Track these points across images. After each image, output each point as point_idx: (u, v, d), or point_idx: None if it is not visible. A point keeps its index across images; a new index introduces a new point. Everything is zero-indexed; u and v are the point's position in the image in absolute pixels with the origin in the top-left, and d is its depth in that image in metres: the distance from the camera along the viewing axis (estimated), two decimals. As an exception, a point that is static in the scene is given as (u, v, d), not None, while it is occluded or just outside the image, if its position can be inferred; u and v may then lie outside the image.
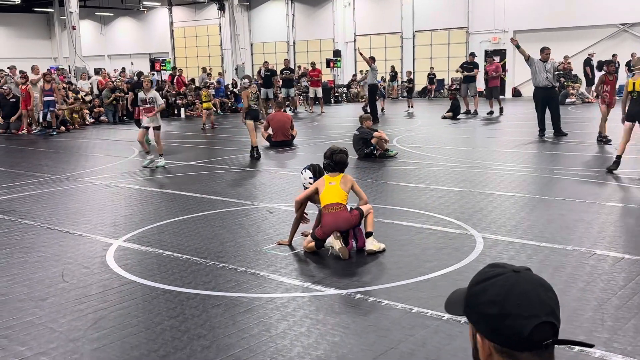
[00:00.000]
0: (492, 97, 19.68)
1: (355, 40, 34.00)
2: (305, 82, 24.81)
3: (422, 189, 8.35)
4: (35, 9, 41.42)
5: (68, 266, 5.46)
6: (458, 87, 21.75)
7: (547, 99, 13.51)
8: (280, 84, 22.78)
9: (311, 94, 24.30)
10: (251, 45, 37.91)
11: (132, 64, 36.39)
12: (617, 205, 7.25)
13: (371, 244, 5.54)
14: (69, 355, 3.74)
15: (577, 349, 3.56)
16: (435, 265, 5.15)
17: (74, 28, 24.07)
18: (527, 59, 13.54)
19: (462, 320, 3.85)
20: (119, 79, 24.13)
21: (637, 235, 6.09)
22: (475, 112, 19.94)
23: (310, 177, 6.15)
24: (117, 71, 28.89)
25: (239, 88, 13.20)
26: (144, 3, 37.96)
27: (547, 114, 13.52)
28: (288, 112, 18.99)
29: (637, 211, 6.99)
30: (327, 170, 5.83)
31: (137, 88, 16.10)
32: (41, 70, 19.44)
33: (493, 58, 20.66)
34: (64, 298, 4.67)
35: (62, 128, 18.41)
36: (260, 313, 4.25)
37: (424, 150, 12.18)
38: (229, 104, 24.78)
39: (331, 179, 5.72)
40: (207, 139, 16.33)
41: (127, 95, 17.10)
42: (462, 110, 19.62)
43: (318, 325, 4.02)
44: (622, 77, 19.47)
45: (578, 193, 7.88)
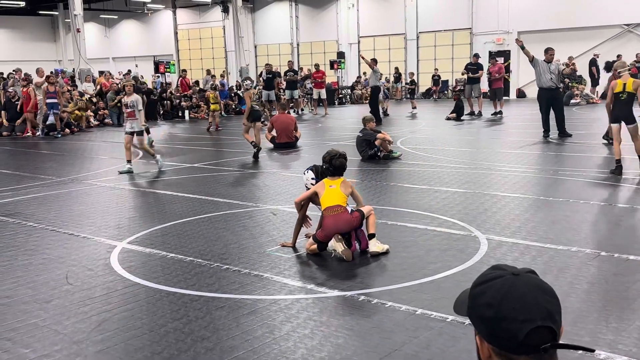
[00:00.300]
0: (496, 98, 19.66)
1: (359, 41, 34.00)
2: (310, 84, 24.83)
3: (426, 191, 8.34)
4: (40, 12, 41.59)
5: (72, 268, 5.47)
6: (462, 88, 21.73)
7: (552, 100, 13.48)
8: (284, 85, 22.79)
9: (315, 96, 24.32)
10: (255, 47, 37.96)
11: (136, 66, 36.46)
12: (622, 206, 7.22)
13: (374, 245, 5.54)
14: (73, 357, 3.74)
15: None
16: (439, 266, 5.14)
17: (78, 31, 24.14)
18: (532, 60, 13.52)
19: (466, 322, 3.84)
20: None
21: (642, 236, 6.06)
22: (479, 113, 19.91)
23: (312, 178, 6.15)
24: (122, 73, 28.94)
25: (242, 90, 13.34)
26: (148, 6, 38.12)
27: (552, 115, 13.50)
28: (292, 113, 19.01)
29: (642, 212, 6.96)
30: (327, 174, 5.83)
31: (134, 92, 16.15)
32: (46, 73, 19.51)
33: (496, 59, 20.61)
34: (68, 300, 4.67)
35: (67, 130, 18.46)
36: (263, 315, 4.25)
37: (427, 152, 12.16)
38: (232, 106, 24.80)
39: (331, 182, 5.73)
40: (211, 140, 16.34)
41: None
42: (466, 111, 19.60)
43: (322, 327, 4.01)
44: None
45: (583, 194, 7.86)
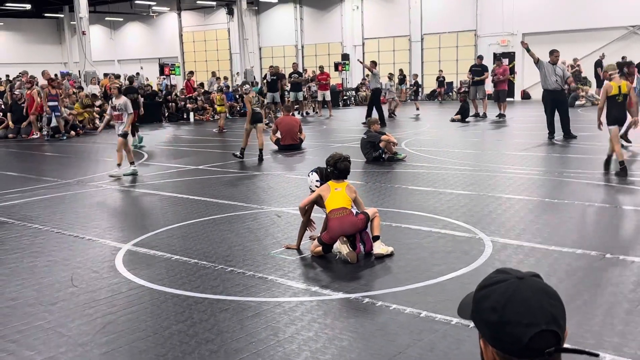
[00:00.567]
0: (499, 100, 19.62)
1: (363, 43, 34.02)
2: (314, 86, 24.85)
3: (431, 192, 8.33)
4: (46, 15, 41.77)
5: (77, 270, 5.48)
6: (467, 89, 21.70)
7: (557, 102, 13.46)
8: (289, 87, 22.82)
9: (319, 98, 24.32)
10: (260, 49, 38.01)
11: (141, 68, 36.58)
12: (627, 208, 7.20)
13: (379, 247, 5.53)
14: (78, 359, 3.75)
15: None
16: (443, 268, 5.13)
17: (84, 33, 24.22)
18: (537, 62, 13.50)
19: (471, 324, 3.83)
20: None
21: (648, 238, 6.04)
22: (484, 115, 19.88)
23: (317, 180, 6.15)
24: (127, 76, 29.01)
25: (240, 92, 13.52)
26: (154, 8, 38.22)
27: (557, 117, 13.47)
28: (297, 115, 19.03)
29: (648, 214, 6.93)
30: (331, 177, 5.84)
31: (129, 92, 16.23)
32: (52, 75, 19.61)
33: (501, 61, 20.58)
34: (73, 302, 4.69)
35: (72, 133, 18.53)
36: (268, 317, 4.25)
37: (432, 153, 12.15)
38: (237, 108, 24.83)
39: (336, 185, 5.74)
40: (216, 142, 16.36)
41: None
42: (471, 113, 19.58)
43: (326, 330, 4.01)
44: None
45: (588, 196, 7.83)
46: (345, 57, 31.85)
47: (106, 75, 27.06)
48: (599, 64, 24.66)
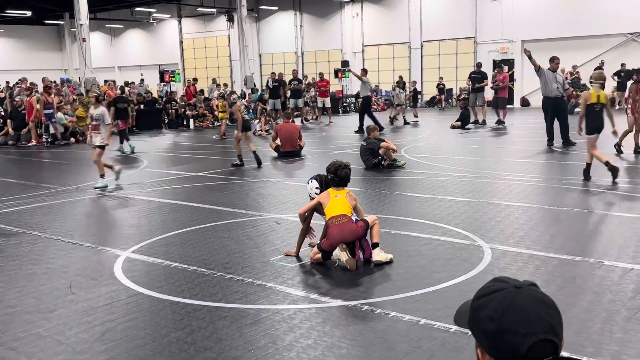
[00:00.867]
0: (498, 107, 19.64)
1: (363, 50, 34.11)
2: (314, 93, 24.90)
3: (430, 199, 8.34)
4: (46, 22, 41.85)
5: (76, 278, 5.48)
6: (466, 96, 21.73)
7: (557, 109, 13.50)
8: (289, 94, 22.87)
9: (319, 104, 24.36)
10: (260, 56, 38.10)
11: (142, 75, 36.64)
12: (626, 215, 7.20)
13: (378, 254, 5.53)
14: (76, 367, 3.75)
15: (585, 358, 3.53)
16: (443, 276, 5.13)
17: (84, 40, 24.24)
18: (538, 69, 13.54)
19: (469, 332, 3.82)
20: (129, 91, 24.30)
21: (647, 245, 6.04)
22: (483, 122, 19.91)
23: (316, 188, 6.16)
24: (129, 82, 29.04)
25: (233, 98, 13.73)
26: (154, 15, 38.32)
27: (556, 124, 13.48)
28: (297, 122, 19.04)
29: (647, 221, 6.93)
30: (331, 184, 5.85)
31: (119, 102, 16.31)
32: (52, 82, 19.66)
33: (502, 68, 20.61)
34: (72, 310, 4.68)
35: (72, 139, 18.54)
36: (267, 325, 4.25)
37: (432, 160, 12.16)
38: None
39: (337, 192, 5.75)
40: (216, 149, 16.37)
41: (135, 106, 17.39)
42: (470, 120, 19.60)
43: (325, 338, 4.01)
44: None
45: (587, 203, 7.84)
46: (345, 64, 31.90)
47: (106, 81, 27.10)
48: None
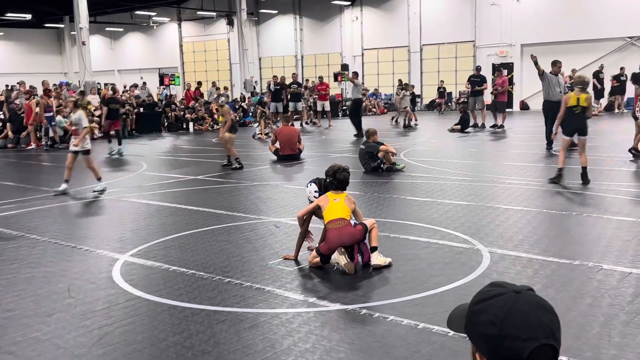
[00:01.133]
0: (496, 111, 19.64)
1: (362, 54, 34.16)
2: (314, 96, 24.92)
3: (429, 203, 8.34)
4: (46, 25, 41.91)
5: (74, 281, 5.48)
6: (466, 100, 21.75)
7: (557, 113, 13.47)
8: (289, 97, 22.90)
9: (319, 108, 24.38)
10: (259, 59, 38.16)
11: (141, 78, 36.67)
12: (625, 219, 7.20)
13: (377, 258, 5.53)
14: (74, 371, 3.74)
15: (584, 365, 3.53)
16: (442, 280, 5.13)
17: (84, 43, 24.27)
18: (542, 74, 13.56)
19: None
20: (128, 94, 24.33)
21: (646, 249, 6.03)
22: (482, 125, 19.91)
23: (315, 191, 6.16)
24: (127, 86, 29.08)
25: (221, 101, 14.02)
26: (154, 19, 38.35)
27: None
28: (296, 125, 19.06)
29: (646, 225, 6.93)
30: (330, 188, 5.85)
31: (110, 103, 16.51)
32: (52, 85, 19.71)
33: (501, 72, 20.63)
34: (70, 314, 4.68)
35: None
36: (265, 329, 4.24)
37: (431, 164, 12.16)
38: (237, 118, 24.88)
39: (335, 196, 5.75)
40: (215, 153, 16.37)
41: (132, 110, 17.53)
42: (470, 123, 19.62)
43: (323, 342, 4.00)
44: (630, 90, 19.43)
45: (585, 207, 7.84)
46: (344, 67, 31.95)
47: (106, 85, 27.13)
48: (596, 75, 24.74)
